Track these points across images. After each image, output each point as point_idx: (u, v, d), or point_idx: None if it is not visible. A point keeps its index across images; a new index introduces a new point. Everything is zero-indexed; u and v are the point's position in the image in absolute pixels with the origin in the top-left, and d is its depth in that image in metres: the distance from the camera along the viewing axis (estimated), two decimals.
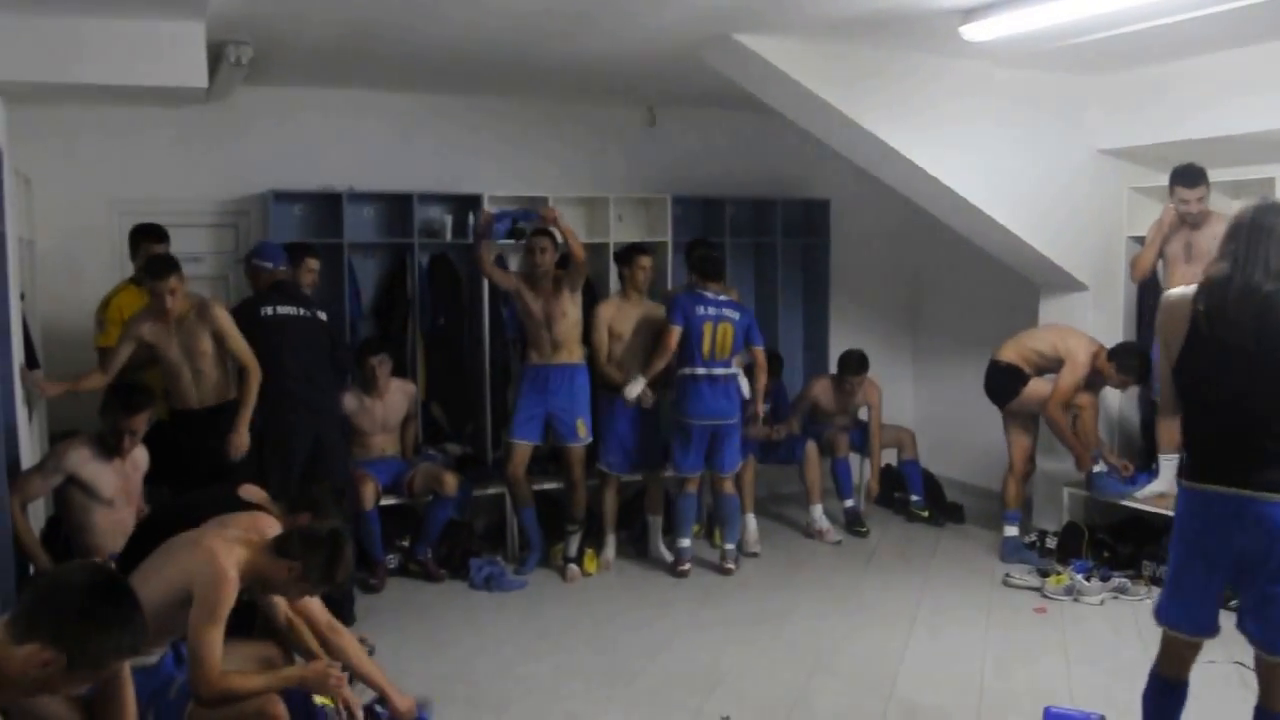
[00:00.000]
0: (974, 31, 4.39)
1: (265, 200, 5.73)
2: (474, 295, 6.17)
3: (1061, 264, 5.66)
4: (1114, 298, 5.80)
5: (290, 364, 4.81)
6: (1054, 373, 5.42)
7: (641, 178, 6.66)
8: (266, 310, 4.85)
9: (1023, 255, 5.74)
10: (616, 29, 4.62)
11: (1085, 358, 5.32)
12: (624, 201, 6.46)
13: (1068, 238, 5.66)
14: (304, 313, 4.93)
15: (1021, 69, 5.37)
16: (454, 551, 5.51)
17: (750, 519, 5.92)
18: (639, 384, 5.41)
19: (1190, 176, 4.94)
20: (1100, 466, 5.44)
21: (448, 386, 6.24)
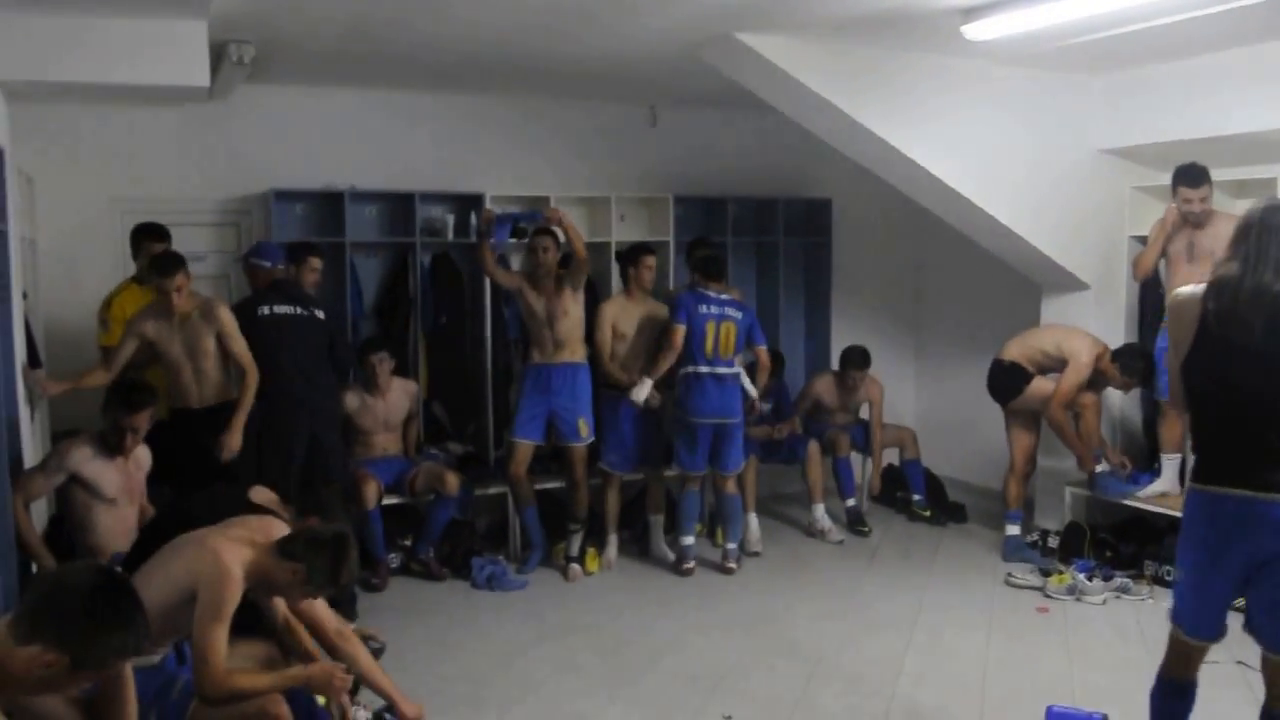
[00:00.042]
0: (975, 31, 4.39)
1: (267, 199, 5.73)
2: (476, 294, 6.17)
3: (1063, 263, 5.66)
4: (1115, 297, 5.79)
5: (287, 363, 4.82)
6: (1058, 372, 5.42)
7: (643, 177, 6.66)
8: (263, 310, 4.86)
9: (1024, 254, 5.74)
10: (618, 28, 4.62)
11: (1088, 359, 5.31)
12: (626, 201, 6.46)
13: (1069, 237, 5.66)
14: (301, 311, 4.93)
15: (1023, 68, 5.37)
16: (456, 551, 5.51)
17: (752, 518, 5.92)
18: (646, 386, 5.41)
19: (1193, 176, 4.92)
20: (1103, 466, 5.46)
21: (450, 386, 6.25)
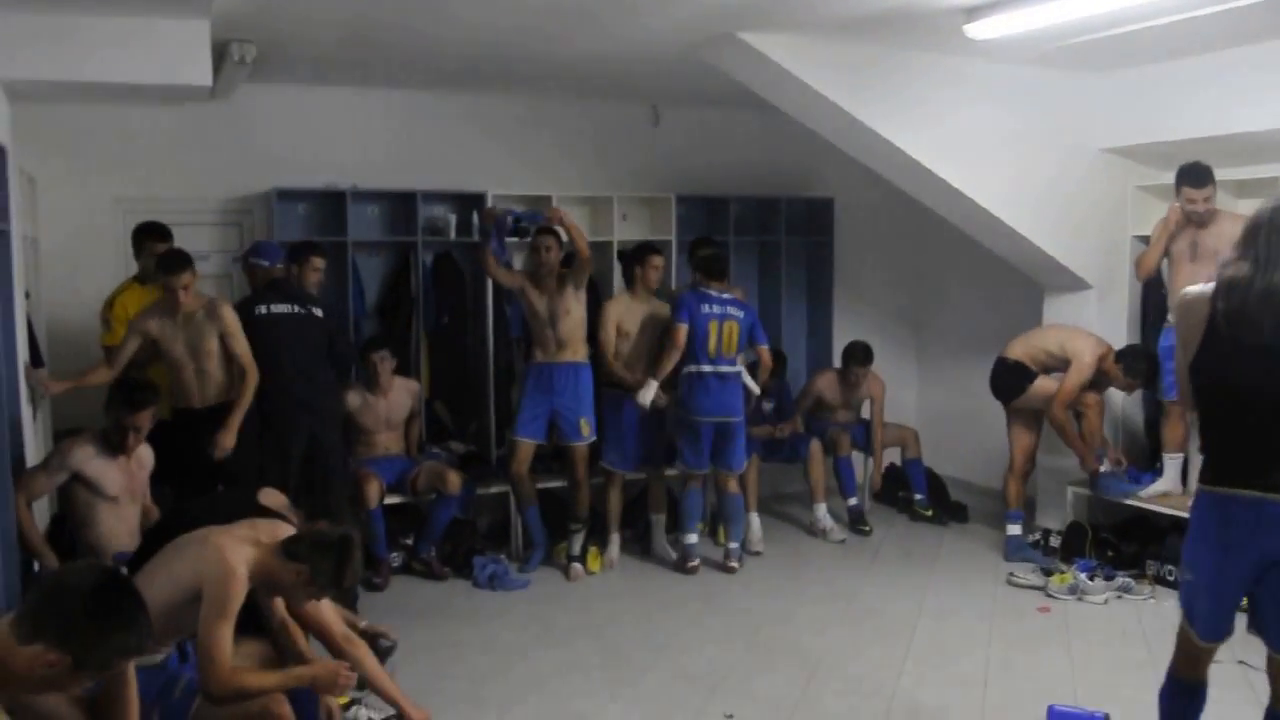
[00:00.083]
0: (978, 30, 4.38)
1: (269, 198, 5.73)
2: (478, 294, 6.17)
3: (1065, 263, 5.65)
4: (1118, 297, 5.79)
5: (286, 362, 4.83)
6: (1061, 372, 5.41)
7: (645, 176, 6.65)
8: (261, 309, 4.87)
9: (1026, 254, 5.73)
10: (621, 28, 4.61)
11: (1091, 359, 5.31)
12: (628, 200, 6.45)
13: (1071, 236, 5.64)
14: (299, 310, 4.94)
15: (1025, 67, 5.36)
16: (458, 550, 5.51)
17: (754, 517, 5.93)
18: (652, 388, 5.40)
19: (1197, 176, 4.90)
20: (1105, 466, 5.45)
21: (451, 385, 6.25)
